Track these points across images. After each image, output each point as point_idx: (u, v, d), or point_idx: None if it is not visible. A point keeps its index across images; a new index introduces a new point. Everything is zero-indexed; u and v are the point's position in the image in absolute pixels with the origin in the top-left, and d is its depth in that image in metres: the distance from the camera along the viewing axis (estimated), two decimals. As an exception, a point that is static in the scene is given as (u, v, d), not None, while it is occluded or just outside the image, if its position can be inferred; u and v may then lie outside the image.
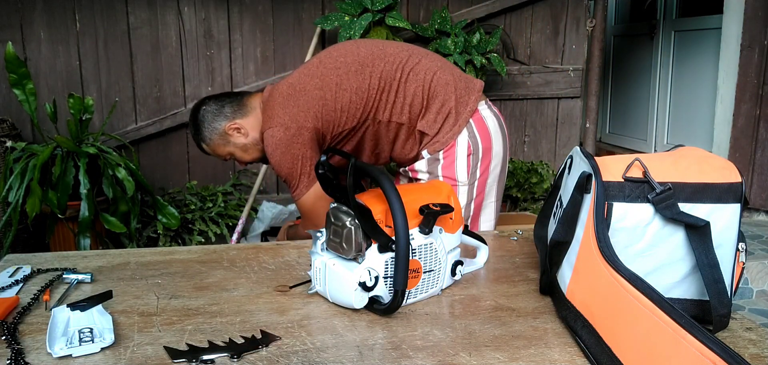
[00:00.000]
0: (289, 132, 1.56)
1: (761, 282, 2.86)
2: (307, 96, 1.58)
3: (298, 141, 1.56)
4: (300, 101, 1.58)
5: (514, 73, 3.35)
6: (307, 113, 1.57)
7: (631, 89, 4.88)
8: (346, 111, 1.59)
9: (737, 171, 0.82)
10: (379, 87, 1.58)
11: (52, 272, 1.03)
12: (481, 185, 1.65)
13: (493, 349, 0.77)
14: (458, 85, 1.62)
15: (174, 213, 2.70)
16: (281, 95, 1.61)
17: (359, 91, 1.58)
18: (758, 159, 3.42)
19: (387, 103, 1.60)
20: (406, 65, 1.60)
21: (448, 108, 1.59)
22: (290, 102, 1.58)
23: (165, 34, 2.98)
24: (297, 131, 1.56)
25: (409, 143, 1.65)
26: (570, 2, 3.35)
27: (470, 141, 1.61)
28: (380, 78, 1.58)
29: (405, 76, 1.59)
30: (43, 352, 0.75)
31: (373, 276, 0.86)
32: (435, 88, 1.59)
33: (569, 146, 3.48)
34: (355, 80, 1.58)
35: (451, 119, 1.59)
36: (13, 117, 2.78)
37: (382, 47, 1.64)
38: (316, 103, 1.57)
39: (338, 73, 1.59)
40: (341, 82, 1.58)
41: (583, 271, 0.81)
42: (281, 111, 1.58)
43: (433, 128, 1.60)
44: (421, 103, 1.59)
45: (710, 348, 0.60)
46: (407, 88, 1.59)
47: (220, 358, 0.74)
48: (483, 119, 1.64)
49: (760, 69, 3.33)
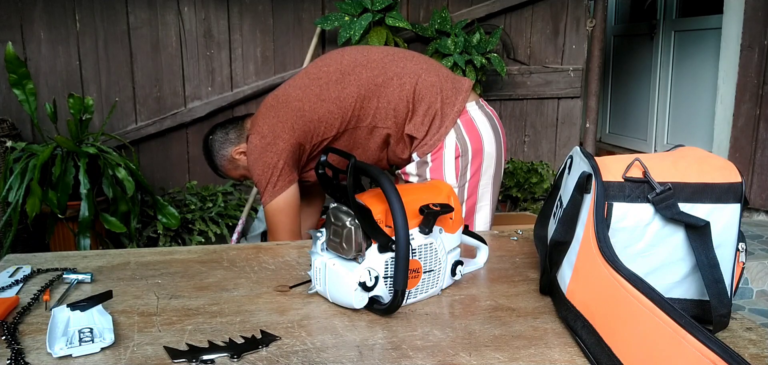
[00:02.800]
0: (265, 140, 1.61)
1: (761, 282, 2.86)
2: (287, 108, 1.63)
3: (272, 150, 1.61)
4: (280, 113, 1.63)
5: (514, 73, 3.34)
6: (285, 125, 1.61)
7: (631, 89, 4.88)
8: (324, 121, 1.62)
9: (737, 171, 0.82)
10: (359, 96, 1.60)
11: (52, 272, 1.03)
12: (473, 186, 1.64)
13: (493, 349, 0.77)
14: (444, 87, 1.62)
15: (174, 213, 2.70)
16: (265, 106, 1.68)
17: (339, 100, 1.61)
18: (758, 159, 3.42)
19: (369, 109, 1.61)
20: (388, 71, 1.61)
21: (433, 110, 1.60)
22: (271, 113, 1.64)
23: (165, 34, 2.98)
24: (272, 140, 1.61)
25: (399, 147, 1.67)
26: (570, 2, 3.35)
27: (458, 143, 1.60)
28: (360, 85, 1.60)
29: (387, 81, 1.60)
30: (43, 352, 0.75)
31: (373, 276, 0.86)
32: (420, 91, 1.60)
33: (569, 146, 3.48)
34: (334, 90, 1.61)
35: (437, 121, 1.60)
36: (13, 117, 2.78)
37: (366, 54, 1.65)
38: (294, 115, 1.61)
39: (319, 84, 1.63)
40: (321, 93, 1.61)
41: (583, 271, 0.81)
42: (262, 121, 1.65)
43: (420, 130, 1.61)
44: (407, 107, 1.60)
45: (710, 348, 0.60)
46: (390, 93, 1.60)
47: (220, 358, 0.74)
48: (472, 120, 1.62)
49: (760, 69, 3.33)
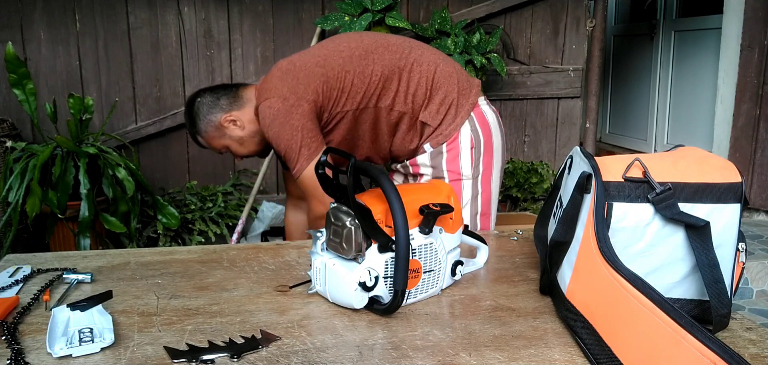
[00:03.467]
0: (288, 103, 1.51)
1: (761, 282, 2.86)
2: (308, 71, 1.55)
3: (297, 112, 1.51)
4: (300, 75, 1.54)
5: (514, 73, 3.34)
6: (307, 87, 1.53)
7: (631, 89, 4.88)
8: (346, 92, 1.56)
9: (737, 171, 0.82)
10: (382, 75, 1.57)
11: (52, 272, 1.03)
12: (486, 181, 1.66)
13: (493, 349, 0.77)
14: (460, 78, 1.63)
15: (174, 213, 2.70)
16: (280, 70, 1.57)
17: (362, 75, 1.57)
18: (758, 159, 3.41)
19: (389, 91, 1.59)
20: (409, 56, 1.60)
21: (450, 100, 1.60)
22: (289, 76, 1.54)
23: (165, 34, 2.98)
24: (296, 102, 1.51)
25: (409, 135, 1.64)
26: (570, 2, 3.35)
27: (472, 135, 1.61)
28: (384, 66, 1.58)
29: (409, 67, 1.59)
30: (43, 352, 0.75)
31: (373, 276, 0.86)
32: (438, 79, 1.60)
33: (569, 146, 3.48)
34: (358, 65, 1.57)
35: (452, 111, 1.60)
36: (13, 117, 2.78)
37: (385, 39, 1.64)
38: (318, 79, 1.54)
39: (342, 56, 1.57)
40: (345, 64, 1.56)
41: (583, 271, 0.81)
42: (279, 84, 1.54)
43: (435, 119, 1.60)
44: (425, 94, 1.59)
45: (710, 348, 0.60)
46: (411, 78, 1.59)
47: (220, 358, 0.74)
48: (483, 114, 1.64)
49: (760, 69, 3.33)
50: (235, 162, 3.17)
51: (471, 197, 1.64)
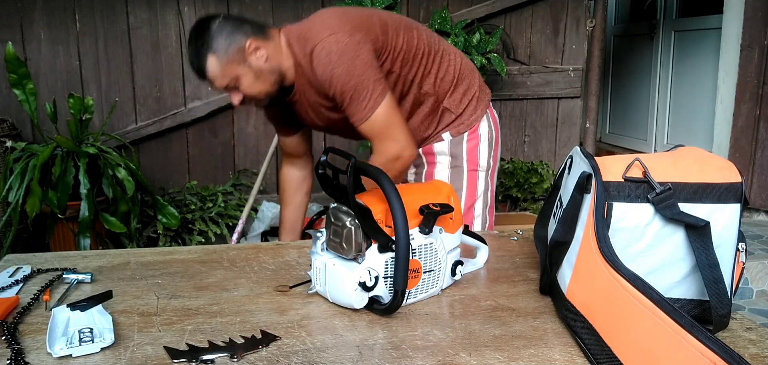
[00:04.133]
0: (355, 38, 1.41)
1: (761, 282, 2.86)
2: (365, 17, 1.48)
3: (365, 48, 1.41)
4: (359, 18, 1.47)
5: (514, 73, 3.35)
6: (369, 30, 1.45)
7: (631, 89, 4.88)
8: (395, 51, 1.50)
9: (737, 171, 0.82)
10: (425, 50, 1.57)
11: (52, 272, 1.03)
12: (493, 175, 1.71)
13: (493, 349, 0.77)
14: (479, 75, 1.70)
15: (174, 213, 2.70)
16: (331, 12, 1.48)
17: (410, 42, 1.53)
18: (758, 159, 3.41)
19: (423, 67, 1.57)
20: (440, 43, 1.64)
21: (472, 92, 1.65)
22: (347, 17, 1.46)
23: (165, 34, 2.98)
24: (363, 38, 1.42)
25: (428, 119, 1.63)
26: (570, 2, 3.35)
27: (489, 129, 1.67)
28: (425, 43, 1.58)
29: (441, 52, 1.62)
30: (43, 352, 0.75)
31: (373, 276, 0.86)
32: (463, 71, 1.64)
33: (569, 146, 3.48)
34: (407, 32, 1.53)
35: (473, 103, 1.65)
36: (13, 117, 2.78)
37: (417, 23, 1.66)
38: (377, 27, 1.48)
39: (393, 18, 1.54)
40: (397, 26, 1.53)
41: (583, 271, 0.81)
42: (338, 22, 1.44)
43: (458, 108, 1.63)
44: (452, 81, 1.62)
45: (710, 348, 0.60)
46: (442, 62, 1.61)
47: (220, 358, 0.74)
48: (493, 111, 1.72)
49: (760, 69, 3.33)
50: (235, 162, 3.17)
51: (484, 190, 1.68)
